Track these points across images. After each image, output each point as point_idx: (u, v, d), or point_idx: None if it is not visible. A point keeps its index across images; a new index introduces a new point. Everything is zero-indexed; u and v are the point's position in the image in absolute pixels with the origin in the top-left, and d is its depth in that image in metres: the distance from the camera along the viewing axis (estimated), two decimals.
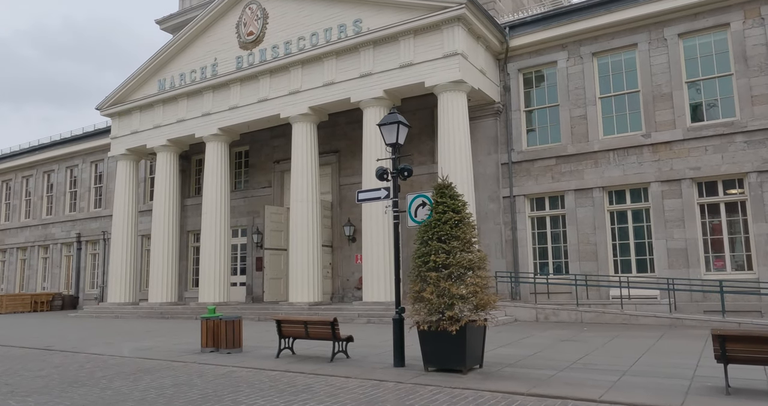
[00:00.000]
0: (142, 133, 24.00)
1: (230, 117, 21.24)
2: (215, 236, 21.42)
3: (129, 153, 24.63)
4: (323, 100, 18.89)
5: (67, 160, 33.05)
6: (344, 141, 22.18)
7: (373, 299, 17.17)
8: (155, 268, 22.92)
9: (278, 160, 23.91)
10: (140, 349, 11.78)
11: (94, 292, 30.59)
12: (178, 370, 9.13)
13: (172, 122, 22.96)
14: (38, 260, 34.07)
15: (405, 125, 9.16)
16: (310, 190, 19.17)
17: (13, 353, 11.95)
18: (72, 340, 14.01)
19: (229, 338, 10.71)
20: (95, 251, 31.20)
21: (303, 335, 9.84)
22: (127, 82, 24.34)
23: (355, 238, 21.41)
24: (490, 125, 18.88)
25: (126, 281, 24.31)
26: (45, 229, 33.70)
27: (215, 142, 21.84)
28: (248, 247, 24.55)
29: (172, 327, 17.04)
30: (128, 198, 24.65)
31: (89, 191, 31.81)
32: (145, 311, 22.29)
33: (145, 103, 23.69)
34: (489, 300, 8.09)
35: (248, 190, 24.72)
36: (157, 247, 23.00)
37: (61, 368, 9.68)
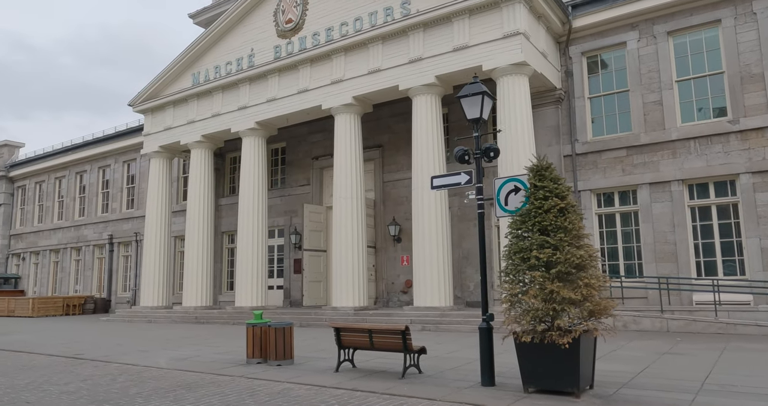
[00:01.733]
0: (175, 129, 23.00)
1: (268, 110, 20.05)
2: (252, 237, 20.23)
3: (162, 150, 23.65)
4: (368, 89, 17.54)
5: (99, 161, 32.38)
6: (387, 135, 20.80)
7: (426, 303, 15.70)
8: (189, 270, 21.83)
9: (317, 156, 22.65)
10: (178, 359, 10.51)
11: (127, 295, 29.75)
12: (225, 386, 7.80)
13: (206, 117, 21.89)
14: (71, 262, 33.46)
15: (490, 97, 7.69)
16: (354, 186, 17.82)
17: (39, 361, 10.80)
18: (103, 347, 12.86)
19: (279, 348, 9.36)
20: (127, 253, 30.39)
21: (367, 346, 8.42)
22: (160, 77, 23.41)
23: (400, 238, 19.99)
24: (551, 114, 17.28)
25: (159, 284, 23.31)
26: (77, 230, 33.08)
27: (252, 138, 20.67)
28: (286, 248, 23.32)
29: (209, 333, 15.82)
30: (161, 197, 23.67)
31: (121, 192, 31.05)
32: (179, 315, 21.19)
33: (178, 97, 22.69)
34: (606, 305, 6.56)
35: (285, 188, 23.52)
36: (191, 248, 21.91)
37: (90, 381, 8.44)
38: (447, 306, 15.65)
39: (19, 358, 11.37)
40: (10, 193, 37.97)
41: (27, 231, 36.46)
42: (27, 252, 36.23)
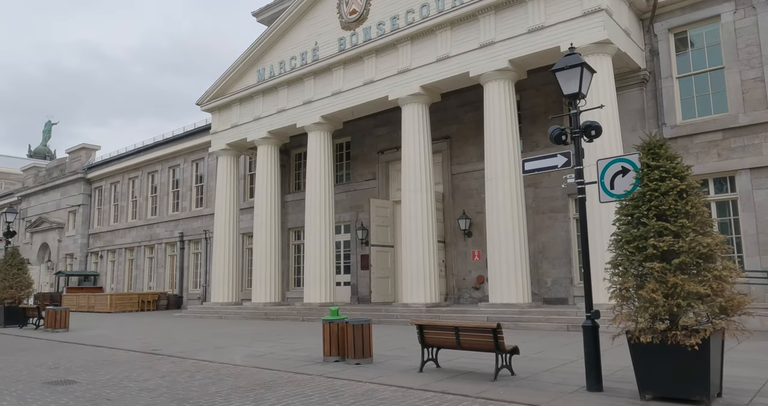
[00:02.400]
0: (242, 126, 23.10)
1: (333, 103, 19.73)
2: (319, 233, 19.99)
3: (229, 148, 23.84)
4: (437, 78, 16.88)
5: (170, 161, 33.22)
6: (455, 126, 20.07)
7: (503, 300, 14.91)
8: (258, 267, 21.86)
9: (382, 150, 22.19)
10: (254, 356, 10.25)
11: (197, 291, 30.35)
12: (305, 386, 7.38)
13: (272, 113, 21.84)
14: (144, 259, 34.54)
15: (589, 70, 6.90)
16: (423, 178, 17.22)
17: (119, 357, 10.81)
18: (179, 343, 12.83)
19: (358, 346, 8.88)
20: (197, 251, 31.00)
21: (452, 345, 7.81)
22: (225, 75, 23.58)
23: (471, 232, 19.23)
24: (635, 97, 16.07)
25: (228, 281, 23.52)
26: (150, 229, 34.09)
27: (318, 132, 20.43)
28: (352, 244, 23.00)
29: (280, 330, 15.64)
30: (229, 194, 23.87)
31: (190, 190, 31.72)
32: (248, 311, 21.25)
33: (244, 95, 22.77)
34: (740, 301, 5.68)
35: (350, 183, 23.19)
36: (259, 245, 21.94)
37: (169, 378, 8.24)
38: (525, 303, 14.80)
39: (100, 353, 11.45)
40: (88, 194, 39.65)
41: (104, 230, 37.95)
42: (104, 250, 37.72)
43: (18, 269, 19.16)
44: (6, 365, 9.94)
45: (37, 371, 9.10)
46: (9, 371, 9.21)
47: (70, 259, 40.15)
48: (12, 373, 8.97)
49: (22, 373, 8.96)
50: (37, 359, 10.74)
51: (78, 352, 11.71)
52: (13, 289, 18.75)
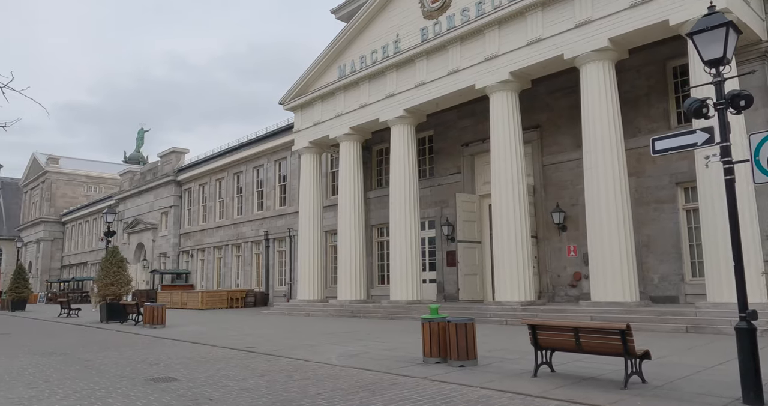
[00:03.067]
0: (323, 123, 23.05)
1: (416, 96, 19.19)
2: (404, 229, 19.51)
3: (312, 146, 23.86)
4: (527, 62, 15.93)
5: (254, 161, 33.94)
6: (545, 114, 18.98)
7: (607, 298, 13.80)
8: (343, 264, 21.71)
9: (467, 142, 21.40)
10: (349, 355, 9.86)
11: (283, 289, 30.78)
12: (410, 389, 6.86)
13: (354, 109, 21.60)
14: (232, 258, 35.52)
15: (735, 30, 5.91)
16: (514, 170, 16.33)
17: (215, 354, 10.77)
18: (272, 340, 12.72)
19: (461, 347, 8.27)
20: (282, 249, 31.45)
21: (571, 347, 7.03)
22: (307, 73, 23.61)
23: (565, 226, 18.10)
24: (756, 73, 14.40)
25: (313, 278, 23.55)
26: (236, 228, 35.01)
27: (401, 126, 19.96)
28: (437, 240, 22.37)
29: (370, 328, 15.28)
30: (313, 192, 23.90)
31: (274, 190, 32.24)
32: (335, 309, 21.13)
33: (325, 91, 22.68)
34: None
35: (434, 178, 22.57)
36: (344, 243, 21.78)
37: (267, 377, 7.97)
38: (632, 302, 13.62)
39: (197, 350, 11.49)
40: (179, 195, 41.35)
41: (194, 230, 39.43)
42: (194, 249, 39.18)
43: (118, 267, 19.99)
44: (111, 360, 10.10)
45: (139, 368, 9.14)
46: (114, 367, 9.32)
47: (164, 258, 42.05)
48: (116, 369, 9.05)
49: (125, 369, 9.02)
50: (138, 354, 10.89)
51: (176, 348, 11.82)
52: (113, 286, 19.58)
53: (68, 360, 10.20)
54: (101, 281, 19.80)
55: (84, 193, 66.13)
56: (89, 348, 12.17)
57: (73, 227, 61.79)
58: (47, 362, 10.03)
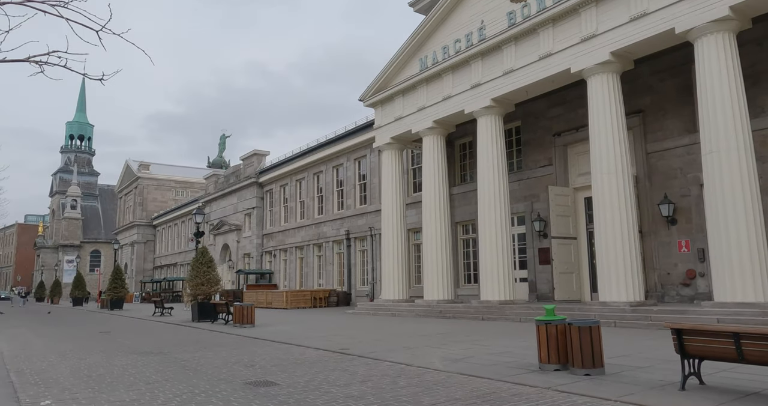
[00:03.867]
0: (405, 118, 22.44)
1: (504, 84, 18.17)
2: (494, 225, 18.53)
3: (393, 142, 23.32)
4: (630, 40, 14.57)
5: (333, 160, 33.91)
6: (648, 97, 17.42)
7: (735, 298, 12.27)
8: (428, 263, 20.99)
9: (558, 132, 20.11)
10: (452, 359, 9.11)
11: (365, 288, 30.47)
12: (535, 401, 6.02)
13: (437, 101, 20.84)
14: (313, 257, 35.68)
15: None
16: (618, 159, 15.01)
17: (309, 356, 10.34)
18: (364, 341, 12.19)
19: (586, 353, 7.32)
20: (363, 248, 31.16)
21: (730, 357, 5.94)
22: (387, 68, 23.10)
23: (675, 219, 16.51)
24: None
25: (398, 278, 22.99)
26: (317, 228, 35.12)
27: (487, 117, 18.99)
28: (528, 236, 21.20)
29: (464, 329, 14.46)
30: (395, 190, 23.36)
31: (354, 188, 32.02)
32: (422, 309, 20.45)
33: (407, 85, 22.06)
34: None
35: (523, 171, 21.41)
36: (429, 241, 21.06)
37: (371, 383, 7.37)
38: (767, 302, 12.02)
39: (290, 351, 11.12)
40: (261, 197, 42.14)
41: (276, 230, 40.02)
42: (277, 249, 39.75)
43: (207, 267, 20.25)
44: (207, 361, 9.89)
45: (235, 369, 8.82)
46: (210, 368, 9.05)
47: (248, 258, 43.01)
48: (213, 370, 8.77)
49: (221, 371, 8.72)
50: (233, 355, 10.65)
51: (268, 349, 11.53)
52: (204, 285, 19.84)
53: (166, 360, 10.09)
54: (192, 280, 20.13)
55: (172, 197, 69.27)
56: (184, 348, 12.12)
57: (163, 229, 64.76)
58: (146, 361, 9.95)
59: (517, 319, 16.41)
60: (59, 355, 10.99)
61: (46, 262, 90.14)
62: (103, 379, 8.09)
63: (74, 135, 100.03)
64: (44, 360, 10.27)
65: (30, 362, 10.06)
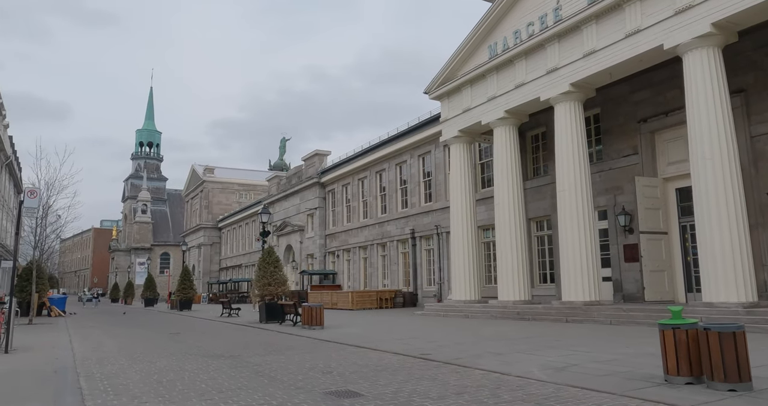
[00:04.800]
0: (474, 109, 21.32)
1: (584, 67, 16.79)
2: (576, 220, 17.16)
3: (461, 135, 22.25)
4: (738, 8, 12.95)
5: (396, 158, 33.10)
6: (752, 74, 15.63)
7: None
8: (503, 262, 19.79)
9: (644, 118, 18.48)
10: (554, 368, 8.03)
11: (432, 289, 29.47)
12: None
13: (508, 90, 19.63)
14: (377, 257, 34.98)
15: None
16: (722, 142, 13.42)
17: (389, 361, 9.48)
18: (444, 346, 11.24)
19: (729, 364, 6.09)
20: (429, 247, 30.18)
21: None
22: (453, 58, 22.07)
23: None
24: None
25: (468, 277, 21.89)
26: (381, 227, 34.40)
27: (566, 103, 17.65)
28: (610, 232, 19.62)
29: (550, 332, 13.26)
30: (464, 185, 22.27)
31: (419, 186, 31.09)
32: (496, 310, 19.27)
33: (475, 74, 20.94)
34: None
35: (603, 162, 19.86)
36: (503, 238, 19.86)
37: (468, 396, 6.41)
38: None
39: (367, 356, 10.31)
40: (323, 197, 41.89)
41: (338, 230, 39.62)
42: (340, 250, 39.33)
43: (274, 267, 19.83)
44: (280, 366, 9.20)
45: (312, 376, 8.07)
46: (285, 374, 8.34)
47: (311, 259, 42.84)
48: (288, 377, 8.04)
49: (297, 377, 7.98)
50: (306, 359, 9.94)
51: (343, 353, 10.76)
52: (271, 286, 19.42)
53: (237, 364, 9.48)
54: (259, 281, 19.75)
55: (236, 199, 70.53)
56: (255, 350, 11.54)
57: (228, 231, 65.95)
58: (217, 366, 9.37)
59: (607, 321, 15.01)
60: (130, 358, 10.62)
61: (120, 264, 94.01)
62: (174, 386, 7.50)
63: (143, 142, 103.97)
64: (114, 363, 9.88)
65: (100, 365, 9.69)
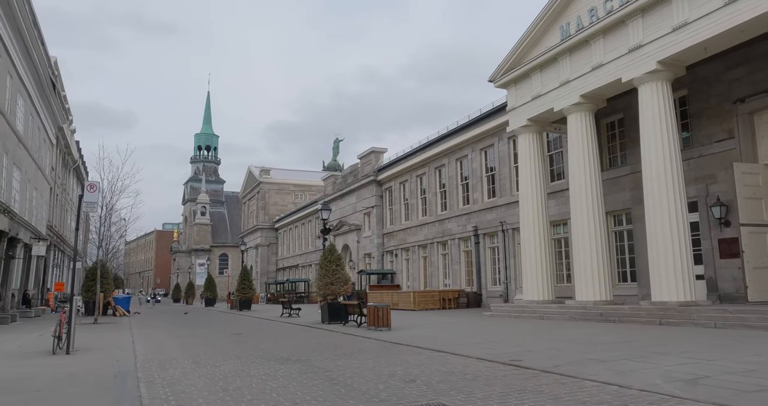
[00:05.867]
0: (545, 96, 19.90)
1: (674, 42, 15.15)
2: (667, 212, 15.52)
3: (531, 124, 20.86)
4: None
5: (456, 152, 31.87)
6: None
7: None
8: (580, 259, 18.29)
9: (741, 98, 16.64)
10: (681, 380, 6.73)
11: (497, 288, 28.07)
12: None
13: (584, 72, 18.13)
14: (438, 256, 33.81)
15: None
16: None
17: (477, 369, 8.38)
18: (534, 350, 10.03)
19: None
20: (493, 244, 28.78)
21: None
22: (519, 43, 20.70)
23: None
24: None
25: (541, 276, 20.46)
26: (441, 225, 33.23)
27: (651, 84, 16.03)
28: (701, 226, 17.79)
29: (650, 337, 11.80)
30: (534, 178, 20.87)
31: (481, 181, 29.75)
32: (575, 311, 17.80)
33: (546, 58, 19.52)
34: None
35: (692, 148, 18.07)
36: (580, 233, 18.36)
37: None
38: None
39: (448, 361, 9.24)
40: (380, 195, 41.06)
41: (396, 229, 38.67)
42: (398, 249, 38.38)
43: (336, 265, 19.03)
44: (354, 372, 8.26)
45: (393, 385, 7.07)
46: (362, 382, 7.38)
47: (368, 258, 42.08)
48: (367, 386, 7.08)
49: (377, 387, 7.01)
50: (381, 365, 8.97)
51: (419, 358, 9.73)
52: (333, 285, 18.62)
53: (307, 370, 8.60)
54: (321, 280, 19.00)
55: (292, 200, 70.85)
56: (323, 354, 10.66)
57: (284, 232, 66.22)
58: (286, 371, 8.52)
59: (710, 324, 13.37)
60: (193, 361, 9.94)
61: (181, 265, 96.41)
62: (242, 395, 6.66)
63: (201, 146, 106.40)
64: (177, 367, 9.20)
65: (162, 369, 9.02)
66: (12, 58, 22.37)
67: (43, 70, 27.22)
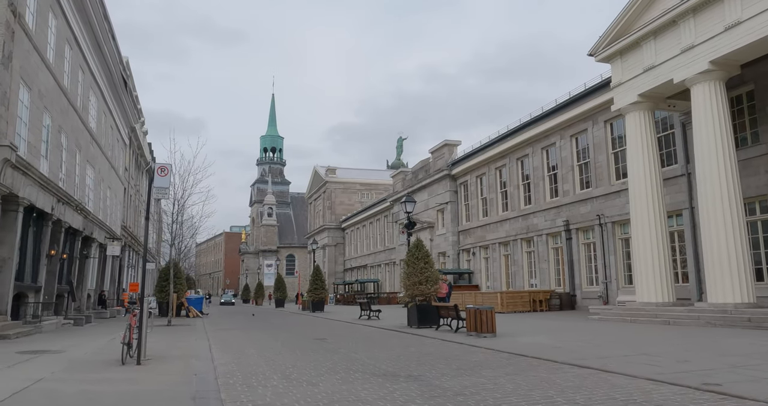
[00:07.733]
0: (661, 66, 17.25)
1: None
2: None
3: (642, 100, 18.23)
4: None
5: (541, 141, 29.30)
6: None
7: None
8: (713, 254, 15.56)
9: None
10: None
11: (594, 289, 25.35)
12: None
13: (715, 33, 15.42)
14: (522, 254, 31.30)
15: None
16: None
17: (662, 396, 6.20)
18: (716, 368, 7.72)
19: None
20: (589, 240, 26.07)
21: None
22: (626, 9, 18.18)
23: None
24: None
25: (658, 274, 17.82)
26: (525, 220, 30.71)
27: None
28: None
29: None
30: (648, 162, 18.25)
31: (572, 171, 27.08)
32: (711, 315, 15.09)
33: (662, 22, 16.89)
34: None
35: None
36: (713, 224, 15.62)
37: None
38: None
39: (610, 382, 7.07)
40: (454, 190, 38.89)
41: (473, 226, 36.39)
42: (476, 247, 36.07)
43: (425, 262, 17.11)
44: (496, 399, 6.24)
45: None
46: None
47: (443, 257, 39.95)
48: None
49: None
50: (520, 386, 6.96)
51: (567, 377, 7.62)
52: (423, 284, 16.69)
53: (430, 392, 6.69)
54: (408, 279, 17.11)
55: (358, 199, 69.72)
56: (436, 368, 8.72)
57: (351, 231, 65.07)
58: (403, 393, 6.65)
59: None
60: (283, 376, 8.23)
61: (249, 266, 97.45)
62: None
63: (267, 148, 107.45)
64: (266, 384, 7.50)
65: (249, 387, 7.34)
66: (83, 51, 21.79)
67: (115, 67, 26.78)
